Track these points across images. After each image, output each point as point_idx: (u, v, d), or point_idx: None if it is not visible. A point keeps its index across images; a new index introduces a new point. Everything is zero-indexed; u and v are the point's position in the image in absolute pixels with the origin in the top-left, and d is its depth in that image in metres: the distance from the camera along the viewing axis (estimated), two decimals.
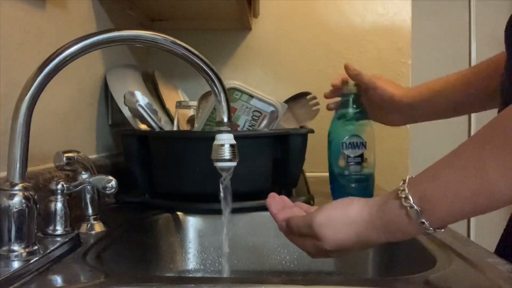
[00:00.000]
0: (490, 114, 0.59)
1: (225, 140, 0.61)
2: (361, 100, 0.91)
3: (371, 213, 0.51)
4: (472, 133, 1.97)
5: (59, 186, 0.63)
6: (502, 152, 0.43)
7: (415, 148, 1.55)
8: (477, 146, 0.46)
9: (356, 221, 0.52)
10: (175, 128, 1.02)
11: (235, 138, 0.62)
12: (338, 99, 0.94)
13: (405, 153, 1.45)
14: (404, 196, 0.48)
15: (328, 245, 0.53)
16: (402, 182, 0.49)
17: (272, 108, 0.92)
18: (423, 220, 0.47)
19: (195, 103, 1.00)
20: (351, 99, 0.91)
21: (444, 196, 0.46)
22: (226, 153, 0.61)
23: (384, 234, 0.51)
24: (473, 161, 0.45)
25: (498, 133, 0.44)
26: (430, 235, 0.67)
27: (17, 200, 0.51)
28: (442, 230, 0.49)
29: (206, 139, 0.66)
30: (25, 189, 0.51)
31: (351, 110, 0.91)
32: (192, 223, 0.86)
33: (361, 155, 0.89)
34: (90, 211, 0.69)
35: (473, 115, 2.00)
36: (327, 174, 0.94)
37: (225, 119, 0.61)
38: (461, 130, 2.02)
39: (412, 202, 0.47)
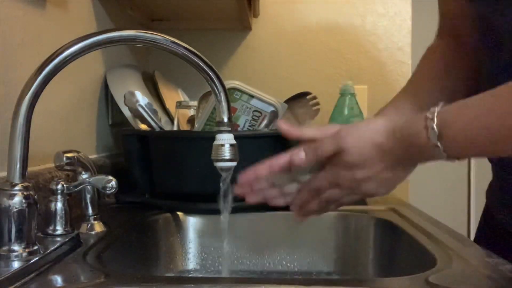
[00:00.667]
0: None
1: (225, 140, 0.62)
2: None
3: (396, 125, 0.54)
4: None
5: (59, 186, 0.63)
6: None
7: None
8: (508, 90, 0.47)
9: (379, 130, 0.55)
10: (175, 128, 1.02)
11: (235, 138, 0.62)
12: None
13: None
14: (430, 117, 0.50)
15: (351, 155, 0.55)
16: (434, 107, 0.52)
17: (272, 108, 0.92)
18: (439, 144, 0.50)
19: (195, 103, 1.00)
20: (347, 99, 0.91)
21: (465, 128, 0.49)
22: (226, 153, 0.61)
23: (403, 149, 0.53)
24: (499, 103, 0.47)
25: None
26: (431, 235, 0.67)
27: (17, 200, 0.51)
28: (456, 160, 0.51)
29: (206, 139, 0.66)
30: (25, 189, 0.51)
31: (347, 111, 0.91)
32: (192, 223, 0.86)
33: None
34: (90, 211, 0.69)
35: None
36: None
37: (225, 119, 0.61)
38: None
39: (435, 125, 0.50)
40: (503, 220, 0.69)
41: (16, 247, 0.51)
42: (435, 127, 0.50)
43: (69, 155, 0.65)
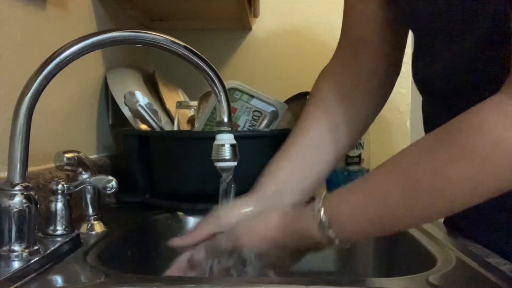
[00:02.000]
0: None
1: (226, 140, 0.62)
2: None
3: (287, 221, 0.56)
4: None
5: (60, 186, 0.63)
6: (402, 183, 0.49)
7: None
8: (383, 173, 0.52)
9: (273, 227, 0.57)
10: (175, 128, 1.02)
11: (236, 138, 0.62)
12: None
13: None
14: (317, 208, 0.53)
15: (246, 251, 0.57)
16: (319, 197, 0.54)
17: (272, 108, 0.92)
18: (330, 233, 0.52)
19: (195, 103, 1.00)
20: None
21: (351, 215, 0.52)
22: (227, 153, 0.61)
23: (297, 242, 0.55)
24: (378, 188, 0.51)
25: (401, 165, 0.50)
26: (431, 235, 0.67)
27: (17, 200, 0.51)
28: (348, 245, 0.54)
29: (206, 139, 0.66)
30: (25, 189, 0.51)
31: None
32: (193, 223, 0.86)
33: (359, 155, 0.90)
34: (90, 211, 0.69)
35: None
36: None
37: (226, 119, 0.61)
38: None
39: (322, 216, 0.52)
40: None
41: (16, 247, 0.51)
42: (323, 216, 0.52)
43: (69, 155, 0.65)
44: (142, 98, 0.91)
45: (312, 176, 0.69)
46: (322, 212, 0.52)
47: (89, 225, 0.69)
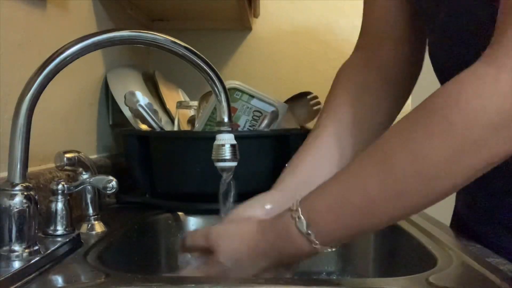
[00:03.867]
0: None
1: (226, 140, 0.61)
2: None
3: (265, 226, 0.53)
4: None
5: (60, 186, 0.63)
6: (380, 169, 0.46)
7: None
8: (360, 161, 0.49)
9: (250, 232, 0.53)
10: (175, 128, 1.02)
11: (236, 138, 0.62)
12: None
13: None
14: (294, 209, 0.50)
15: (223, 256, 0.53)
16: (295, 201, 0.51)
17: (272, 108, 0.92)
18: (310, 232, 0.48)
19: (195, 103, 1.00)
20: None
21: (330, 209, 0.48)
22: (227, 153, 0.61)
23: (276, 248, 0.51)
24: (356, 177, 0.48)
25: (378, 153, 0.47)
26: (431, 235, 0.67)
27: (17, 200, 0.51)
28: (331, 248, 0.50)
29: (206, 139, 0.66)
30: (25, 189, 0.51)
31: None
32: (193, 223, 0.86)
33: None
34: (90, 211, 0.69)
35: None
36: None
37: (226, 119, 0.61)
38: None
39: (300, 213, 0.49)
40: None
41: (16, 247, 0.51)
42: (301, 215, 0.49)
43: (69, 155, 0.65)
44: (142, 98, 0.91)
45: (334, 170, 0.63)
46: (299, 211, 0.49)
47: (90, 225, 0.69)
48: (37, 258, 0.51)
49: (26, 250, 0.51)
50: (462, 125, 0.42)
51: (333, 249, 0.51)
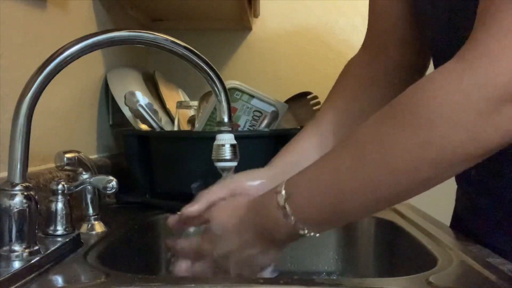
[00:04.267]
0: None
1: (226, 140, 0.62)
2: None
3: (254, 201, 0.56)
4: None
5: (60, 186, 0.63)
6: (352, 155, 0.48)
7: None
8: (337, 149, 0.51)
9: (241, 206, 0.57)
10: (175, 128, 1.02)
11: (236, 138, 0.62)
12: None
13: None
14: (280, 184, 0.53)
15: (215, 225, 0.57)
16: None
17: (272, 108, 0.92)
18: (286, 206, 0.51)
19: (195, 103, 1.00)
20: None
21: (306, 187, 0.51)
22: (227, 153, 0.61)
23: (258, 221, 0.54)
24: (330, 161, 0.50)
25: (352, 140, 0.49)
26: (431, 235, 0.67)
27: (18, 200, 0.51)
28: (309, 232, 0.51)
29: (206, 139, 0.67)
30: (26, 189, 0.51)
31: None
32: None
33: None
34: (90, 211, 0.69)
35: None
36: None
37: (226, 119, 0.61)
38: None
39: (283, 188, 0.52)
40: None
41: (16, 247, 0.51)
42: (283, 190, 0.52)
43: (69, 155, 0.65)
44: (142, 98, 0.91)
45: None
46: (283, 186, 0.52)
47: (90, 225, 0.69)
48: (37, 258, 0.51)
49: (26, 250, 0.51)
50: (426, 119, 0.42)
51: (315, 235, 0.52)
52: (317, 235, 0.52)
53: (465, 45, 0.43)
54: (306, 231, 0.52)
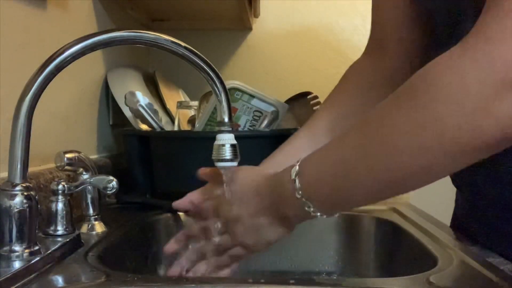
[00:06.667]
0: None
1: (226, 140, 0.61)
2: None
3: (275, 173, 0.57)
4: None
5: (60, 187, 0.63)
6: (358, 131, 0.49)
7: None
8: (346, 131, 0.51)
9: (261, 175, 0.59)
10: (176, 128, 1.02)
11: (236, 138, 0.62)
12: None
13: None
14: (296, 160, 0.54)
15: (233, 195, 0.59)
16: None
17: (273, 108, 0.92)
18: (296, 179, 0.52)
19: (196, 103, 1.00)
20: None
21: (314, 162, 0.53)
22: (227, 153, 0.61)
23: (273, 192, 0.56)
24: (341, 140, 0.51)
25: (362, 120, 0.49)
26: (432, 235, 0.67)
27: (18, 201, 0.51)
28: (319, 214, 0.52)
29: (207, 139, 0.66)
30: (26, 189, 0.51)
31: None
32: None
33: None
34: (91, 211, 0.69)
35: None
36: None
37: (226, 119, 0.61)
38: None
39: (297, 163, 0.53)
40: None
41: (17, 247, 0.51)
42: (297, 165, 0.53)
43: (70, 155, 0.65)
44: (142, 98, 0.91)
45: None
46: (298, 162, 0.53)
47: (90, 225, 0.69)
48: (37, 258, 0.51)
49: (27, 250, 0.51)
50: (423, 102, 0.42)
51: (322, 216, 0.53)
52: (324, 216, 0.53)
53: (470, 34, 0.42)
54: (312, 209, 0.52)
